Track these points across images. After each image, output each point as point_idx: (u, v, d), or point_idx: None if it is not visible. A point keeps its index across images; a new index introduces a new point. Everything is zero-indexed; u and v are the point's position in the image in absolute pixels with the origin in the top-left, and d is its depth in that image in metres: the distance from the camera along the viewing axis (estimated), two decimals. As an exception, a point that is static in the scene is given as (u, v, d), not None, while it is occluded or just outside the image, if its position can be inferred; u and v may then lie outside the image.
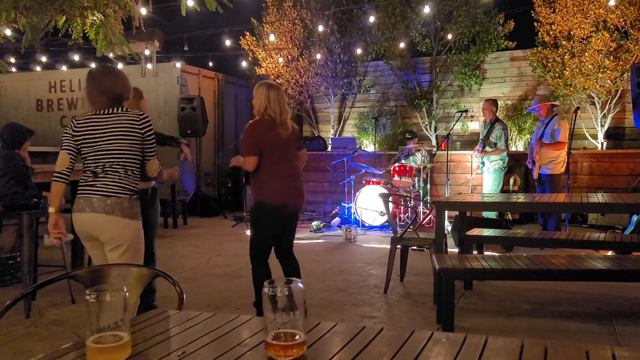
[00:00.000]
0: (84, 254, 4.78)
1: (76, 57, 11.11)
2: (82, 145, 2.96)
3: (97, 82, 3.01)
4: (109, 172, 2.94)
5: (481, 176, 7.66)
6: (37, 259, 4.71)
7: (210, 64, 11.67)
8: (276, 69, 10.88)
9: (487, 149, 7.31)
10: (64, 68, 11.53)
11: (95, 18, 4.99)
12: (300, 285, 1.21)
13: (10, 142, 4.82)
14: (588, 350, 1.22)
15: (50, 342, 3.39)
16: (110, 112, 2.98)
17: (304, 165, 4.11)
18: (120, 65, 10.48)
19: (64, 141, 3.01)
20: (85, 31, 5.16)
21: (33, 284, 4.22)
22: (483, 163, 7.46)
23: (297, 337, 1.21)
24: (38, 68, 12.00)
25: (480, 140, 7.53)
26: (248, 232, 8.08)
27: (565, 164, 6.70)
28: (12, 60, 11.70)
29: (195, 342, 1.35)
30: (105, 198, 2.89)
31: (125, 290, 1.21)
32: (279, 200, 3.76)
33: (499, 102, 9.73)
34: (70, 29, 5.24)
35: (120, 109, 3.01)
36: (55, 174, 2.97)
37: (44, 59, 11.43)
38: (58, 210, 2.99)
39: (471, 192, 8.65)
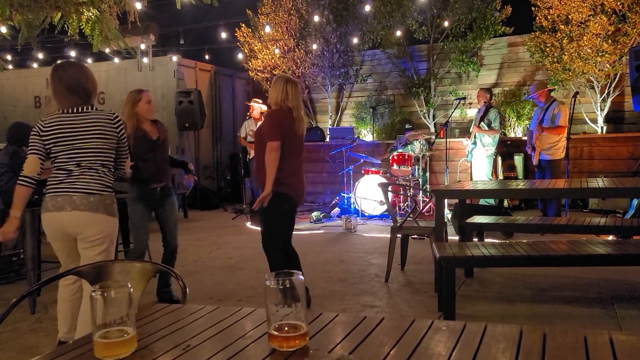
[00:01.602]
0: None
1: (73, 53, 11.10)
2: (52, 145, 2.89)
3: (64, 79, 2.92)
4: (86, 170, 2.88)
5: (470, 163, 7.91)
6: (41, 256, 4.73)
7: (207, 56, 11.64)
8: (272, 60, 10.84)
9: (483, 126, 7.48)
10: (61, 64, 11.49)
11: (90, 14, 4.99)
12: (301, 277, 1.23)
13: (18, 140, 4.89)
14: (586, 335, 1.24)
15: (55, 337, 3.40)
16: (82, 110, 2.92)
17: None
18: (116, 60, 10.46)
19: (31, 144, 2.92)
20: (81, 27, 5.15)
21: (37, 280, 4.25)
22: (475, 144, 7.60)
23: (300, 328, 1.23)
24: (35, 65, 11.98)
25: (473, 124, 7.76)
26: (249, 225, 8.13)
27: (565, 149, 6.72)
28: (9, 57, 11.67)
29: (199, 335, 1.37)
30: (88, 195, 2.85)
31: (129, 286, 1.23)
32: (296, 192, 3.88)
33: (497, 88, 9.79)
34: (66, 26, 5.24)
35: (91, 107, 2.95)
36: (23, 178, 2.89)
37: (40, 55, 11.41)
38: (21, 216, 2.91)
39: (470, 179, 8.67)
